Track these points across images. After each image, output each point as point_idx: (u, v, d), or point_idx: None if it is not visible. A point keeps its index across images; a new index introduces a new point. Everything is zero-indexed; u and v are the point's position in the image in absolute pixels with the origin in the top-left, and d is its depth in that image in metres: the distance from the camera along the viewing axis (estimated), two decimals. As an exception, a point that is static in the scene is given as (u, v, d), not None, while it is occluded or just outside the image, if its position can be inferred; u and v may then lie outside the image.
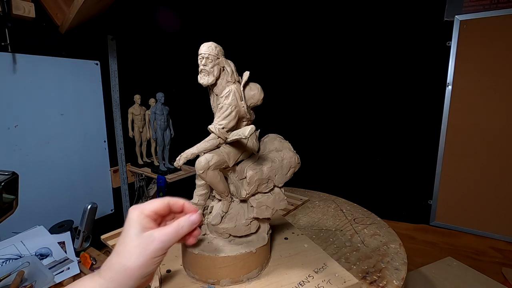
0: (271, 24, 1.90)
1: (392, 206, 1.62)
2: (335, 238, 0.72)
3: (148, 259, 0.34)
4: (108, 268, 0.34)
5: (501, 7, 1.26)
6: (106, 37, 1.44)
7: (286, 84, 1.90)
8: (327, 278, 0.47)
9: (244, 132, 0.40)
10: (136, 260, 0.34)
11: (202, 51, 0.43)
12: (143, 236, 0.35)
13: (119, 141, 1.55)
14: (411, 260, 0.88)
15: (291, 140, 0.53)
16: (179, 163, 0.44)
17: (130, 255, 0.34)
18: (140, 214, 0.37)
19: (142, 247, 0.34)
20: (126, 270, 0.34)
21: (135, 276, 0.34)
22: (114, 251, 0.35)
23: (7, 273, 0.70)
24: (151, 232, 0.36)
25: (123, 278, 0.34)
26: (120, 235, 0.37)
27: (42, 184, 1.24)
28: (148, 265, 0.35)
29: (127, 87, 1.54)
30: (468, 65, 1.35)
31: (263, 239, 0.49)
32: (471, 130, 1.37)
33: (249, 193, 0.46)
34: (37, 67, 1.19)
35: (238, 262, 0.45)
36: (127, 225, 0.36)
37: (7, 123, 1.12)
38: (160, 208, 0.39)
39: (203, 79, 0.44)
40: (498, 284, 1.21)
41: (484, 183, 1.37)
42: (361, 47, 1.62)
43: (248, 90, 0.47)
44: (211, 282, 0.45)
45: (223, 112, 0.44)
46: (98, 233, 0.81)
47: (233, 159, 0.46)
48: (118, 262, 0.34)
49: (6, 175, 0.49)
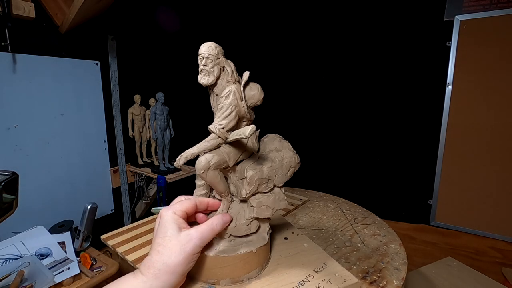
0: (271, 24, 1.90)
1: (392, 206, 1.62)
2: (335, 238, 0.72)
3: (188, 256, 0.37)
4: (150, 266, 0.36)
5: (501, 7, 1.26)
6: (106, 37, 1.44)
7: (286, 84, 1.90)
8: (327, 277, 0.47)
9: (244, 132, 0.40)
10: (177, 257, 0.36)
11: (202, 51, 0.43)
12: (181, 235, 0.38)
13: (119, 141, 1.55)
14: (411, 260, 0.88)
15: (291, 140, 0.53)
16: (179, 163, 0.44)
17: (171, 252, 0.36)
18: (174, 215, 0.39)
19: (182, 245, 0.37)
20: (168, 267, 0.36)
21: (176, 272, 0.36)
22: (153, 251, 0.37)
23: (7, 273, 0.70)
24: (188, 231, 0.39)
25: (165, 274, 0.36)
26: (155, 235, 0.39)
27: (42, 184, 1.25)
28: (188, 261, 0.37)
29: (127, 87, 1.55)
30: (468, 65, 1.35)
31: (263, 239, 0.49)
32: (471, 130, 1.37)
33: (249, 193, 0.46)
34: (37, 67, 1.19)
35: (238, 262, 0.45)
36: (163, 226, 0.39)
37: (7, 123, 1.12)
38: (190, 208, 0.42)
39: (203, 79, 0.44)
40: (498, 284, 1.21)
41: (484, 183, 1.37)
42: (361, 47, 1.62)
43: (248, 90, 0.47)
44: (211, 282, 0.45)
45: (223, 112, 0.44)
46: (98, 233, 0.81)
47: (233, 159, 0.46)
48: (160, 260, 0.36)
49: (6, 175, 0.49)
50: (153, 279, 0.36)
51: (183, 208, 0.41)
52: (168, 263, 0.36)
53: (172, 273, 0.36)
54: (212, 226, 0.41)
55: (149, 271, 0.36)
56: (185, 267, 0.37)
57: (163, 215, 0.40)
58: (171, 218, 0.39)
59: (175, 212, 0.40)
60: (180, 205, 0.41)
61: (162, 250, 0.37)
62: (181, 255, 0.36)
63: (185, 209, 0.41)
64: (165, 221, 0.39)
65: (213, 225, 0.41)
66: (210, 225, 0.41)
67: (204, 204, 0.45)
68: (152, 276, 0.36)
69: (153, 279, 0.35)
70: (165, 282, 0.36)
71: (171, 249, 0.36)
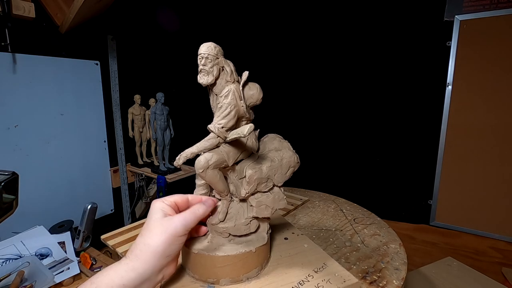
0: (271, 24, 1.90)
1: (392, 206, 1.62)
2: (335, 238, 0.72)
3: (169, 236, 0.37)
4: (133, 249, 0.37)
5: (501, 7, 1.26)
6: (106, 37, 1.44)
7: (286, 84, 1.90)
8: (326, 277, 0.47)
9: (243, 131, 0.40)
10: (159, 237, 0.37)
11: (202, 51, 0.44)
12: (165, 219, 0.39)
13: (119, 141, 1.55)
14: (411, 260, 0.88)
15: (291, 140, 0.53)
16: (179, 163, 0.44)
17: (152, 233, 0.37)
18: (162, 203, 0.41)
19: (164, 227, 0.38)
20: (149, 247, 0.37)
21: (158, 253, 0.37)
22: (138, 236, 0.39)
23: (7, 273, 0.70)
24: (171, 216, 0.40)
25: (147, 255, 0.36)
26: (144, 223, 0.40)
27: (42, 184, 1.25)
28: (169, 242, 0.37)
29: (127, 87, 1.55)
30: (468, 65, 1.35)
31: (263, 238, 0.49)
32: (471, 130, 1.37)
33: (248, 192, 0.46)
34: (37, 67, 1.19)
35: (238, 262, 0.45)
36: (150, 213, 0.40)
37: (7, 123, 1.12)
38: (180, 200, 0.43)
39: (203, 79, 0.44)
40: (498, 284, 1.21)
41: (484, 183, 1.37)
42: (361, 47, 1.62)
43: (247, 89, 0.47)
44: (210, 282, 0.45)
45: (222, 111, 0.44)
46: (98, 233, 0.81)
47: (233, 158, 0.46)
48: (142, 241, 0.37)
49: (6, 175, 0.49)
50: (135, 259, 0.36)
51: (173, 199, 0.42)
52: (150, 243, 0.37)
53: (153, 253, 0.36)
54: (194, 210, 0.42)
55: (132, 253, 0.37)
56: (167, 248, 0.37)
57: (152, 205, 0.41)
58: (159, 206, 0.41)
59: (163, 201, 0.41)
60: (170, 196, 0.43)
61: (145, 233, 0.38)
62: (162, 235, 0.37)
63: (174, 200, 0.42)
64: (153, 209, 0.41)
65: (195, 210, 0.42)
66: (192, 209, 0.42)
67: (197, 200, 0.45)
68: (134, 257, 0.36)
69: (135, 260, 0.36)
70: (147, 262, 0.36)
71: (152, 231, 0.38)
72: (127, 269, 0.36)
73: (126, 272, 0.35)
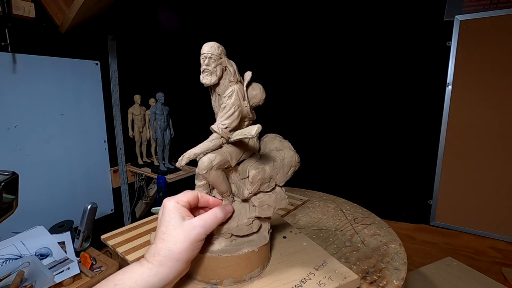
0: (272, 24, 1.90)
1: (392, 206, 1.62)
2: (335, 238, 0.72)
3: (192, 243, 0.38)
4: (155, 254, 0.37)
5: (501, 7, 1.26)
6: (106, 37, 1.44)
7: (287, 84, 1.90)
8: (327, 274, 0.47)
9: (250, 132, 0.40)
10: (182, 244, 0.37)
11: (205, 51, 0.43)
12: (185, 224, 0.39)
13: (119, 141, 1.55)
14: (411, 260, 0.88)
15: (291, 139, 0.53)
16: (182, 163, 0.44)
17: (175, 240, 0.37)
18: (176, 205, 0.40)
19: (186, 233, 0.38)
20: (173, 253, 0.37)
21: (181, 259, 0.37)
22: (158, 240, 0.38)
23: (7, 273, 0.70)
24: (192, 219, 0.40)
25: (171, 261, 0.37)
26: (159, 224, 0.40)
27: (42, 184, 1.24)
28: (192, 248, 0.38)
29: (127, 87, 1.54)
30: (468, 65, 1.35)
31: (265, 238, 0.49)
32: (471, 130, 1.37)
33: (251, 192, 0.46)
34: (37, 67, 1.19)
35: (241, 262, 0.45)
36: (167, 215, 0.39)
37: (7, 123, 1.12)
38: (192, 199, 0.43)
39: (206, 79, 0.44)
40: (498, 284, 1.21)
41: (484, 183, 1.37)
42: (361, 47, 1.62)
43: (250, 90, 0.47)
44: (213, 283, 0.45)
45: (226, 112, 0.44)
46: (98, 233, 0.81)
47: (236, 158, 0.46)
48: (165, 247, 0.37)
49: (6, 175, 0.49)
50: (159, 265, 0.37)
51: (186, 198, 0.42)
52: (173, 250, 0.37)
53: (177, 260, 0.37)
54: (216, 214, 0.42)
55: (155, 259, 0.37)
56: (189, 254, 0.38)
57: (166, 204, 0.41)
58: (174, 207, 0.40)
59: (177, 202, 0.41)
60: (183, 195, 0.42)
61: (167, 238, 0.38)
62: (185, 242, 0.37)
63: (188, 200, 0.42)
64: (169, 210, 0.40)
65: (216, 214, 0.42)
66: (213, 214, 0.42)
67: (206, 200, 0.45)
68: (158, 263, 0.37)
69: (159, 266, 0.37)
70: (171, 269, 0.37)
71: (175, 237, 0.38)
72: (151, 274, 0.36)
73: (150, 277, 0.36)
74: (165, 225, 0.39)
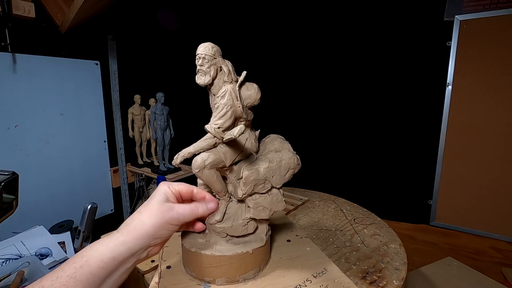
0: (271, 24, 1.90)
1: (392, 206, 1.62)
2: (335, 238, 0.72)
3: (164, 222, 0.39)
4: (127, 223, 0.39)
5: (501, 7, 1.25)
6: (106, 37, 1.44)
7: (286, 84, 1.90)
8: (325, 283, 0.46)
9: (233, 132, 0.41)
10: (154, 219, 0.38)
11: (199, 52, 0.44)
12: (165, 204, 0.40)
13: (119, 141, 1.55)
14: (411, 260, 0.88)
15: (291, 140, 0.53)
16: (177, 162, 0.44)
17: (150, 213, 0.39)
18: (167, 189, 0.42)
19: (162, 211, 0.39)
20: (143, 225, 0.38)
21: (149, 233, 0.38)
22: (136, 212, 0.40)
23: (7, 273, 0.70)
24: (172, 204, 0.41)
25: (139, 233, 0.37)
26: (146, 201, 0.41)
27: (42, 184, 1.25)
28: (162, 227, 0.39)
29: (127, 87, 1.55)
30: (468, 65, 1.35)
31: (261, 240, 0.49)
32: (471, 130, 1.37)
33: (245, 193, 0.46)
34: (37, 67, 1.19)
35: (234, 262, 0.45)
36: (154, 193, 0.41)
37: (7, 123, 1.12)
38: (184, 191, 0.44)
39: (200, 79, 0.45)
40: (498, 284, 1.21)
41: (484, 183, 1.37)
42: (361, 47, 1.62)
43: (244, 89, 0.47)
44: (207, 281, 0.45)
45: (219, 112, 0.44)
46: (98, 233, 0.81)
47: (230, 158, 0.46)
48: (138, 218, 0.39)
49: (6, 175, 0.49)
50: (127, 234, 0.37)
51: (178, 188, 0.43)
52: (145, 222, 0.38)
53: (145, 233, 0.38)
54: (194, 208, 0.43)
55: (125, 228, 0.38)
56: (158, 231, 0.38)
57: (159, 186, 0.42)
58: (164, 190, 0.42)
59: (169, 187, 0.42)
60: (177, 184, 0.44)
61: (143, 210, 0.39)
62: (158, 218, 0.38)
63: (180, 190, 0.43)
64: (157, 190, 0.42)
65: (195, 208, 0.43)
66: (192, 206, 0.43)
67: (202, 195, 0.46)
68: (126, 232, 0.37)
69: (127, 235, 0.37)
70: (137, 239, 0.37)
71: (151, 211, 0.39)
72: (118, 243, 0.37)
73: (116, 246, 0.36)
74: (148, 201, 0.40)
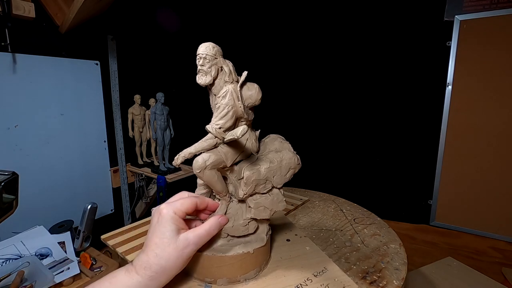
0: (272, 24, 1.90)
1: (392, 206, 1.62)
2: (335, 238, 0.72)
3: (185, 261, 0.39)
4: (146, 268, 0.37)
5: (501, 7, 1.26)
6: (106, 37, 1.44)
7: (287, 84, 1.90)
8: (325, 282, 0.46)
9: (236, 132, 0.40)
10: (175, 262, 0.38)
11: (200, 51, 0.43)
12: (180, 240, 0.39)
13: (119, 141, 1.55)
14: (411, 260, 0.87)
15: (292, 140, 0.53)
16: (177, 162, 0.44)
17: (168, 257, 0.38)
18: (174, 215, 0.40)
19: (180, 250, 0.38)
20: (164, 270, 0.38)
21: (172, 275, 0.39)
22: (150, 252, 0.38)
23: (7, 273, 0.70)
24: (186, 235, 0.40)
25: (162, 277, 0.38)
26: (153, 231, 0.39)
27: (42, 184, 1.25)
28: (183, 265, 0.40)
29: (127, 87, 1.54)
30: (468, 65, 1.35)
31: (262, 240, 0.49)
32: (471, 130, 1.37)
33: (246, 193, 0.46)
34: (37, 67, 1.19)
35: (235, 262, 0.45)
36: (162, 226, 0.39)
37: (7, 123, 1.12)
38: (190, 208, 0.43)
39: (201, 79, 0.44)
40: (498, 284, 1.21)
41: (484, 183, 1.37)
42: (361, 47, 1.62)
43: (245, 90, 0.47)
44: (208, 281, 0.45)
45: (220, 112, 0.44)
46: (98, 233, 0.81)
47: (231, 159, 0.46)
48: (157, 263, 0.37)
49: (6, 175, 0.49)
50: (149, 280, 0.37)
51: (184, 208, 0.41)
52: (166, 267, 0.37)
53: (167, 276, 0.38)
54: (209, 230, 0.42)
55: (145, 273, 0.37)
56: (180, 269, 0.39)
57: (163, 213, 0.40)
58: (171, 218, 0.39)
59: (175, 212, 0.40)
60: (181, 204, 0.41)
61: (160, 254, 0.37)
62: (178, 260, 0.38)
63: (186, 210, 0.41)
64: (165, 221, 0.39)
65: (210, 230, 0.42)
66: (207, 230, 0.42)
67: (204, 204, 0.45)
68: (149, 277, 0.37)
69: (149, 280, 0.37)
70: (160, 282, 0.38)
71: (169, 254, 0.38)
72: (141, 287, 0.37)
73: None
74: (159, 237, 0.38)
